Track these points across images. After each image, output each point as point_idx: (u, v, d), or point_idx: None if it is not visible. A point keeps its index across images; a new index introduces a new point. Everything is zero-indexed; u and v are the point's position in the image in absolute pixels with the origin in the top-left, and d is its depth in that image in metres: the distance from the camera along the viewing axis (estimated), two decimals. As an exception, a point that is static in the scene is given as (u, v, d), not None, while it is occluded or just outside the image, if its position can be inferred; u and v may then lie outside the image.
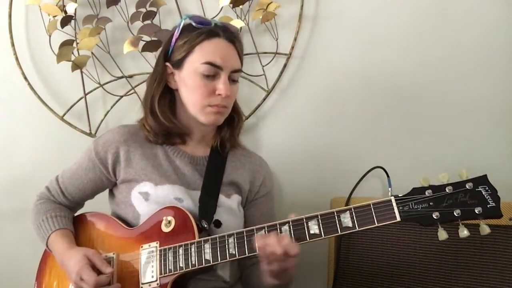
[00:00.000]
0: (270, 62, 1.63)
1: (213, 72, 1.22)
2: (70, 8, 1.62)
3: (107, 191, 1.37)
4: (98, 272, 1.15)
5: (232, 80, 1.26)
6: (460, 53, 1.53)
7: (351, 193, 1.46)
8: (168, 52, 1.28)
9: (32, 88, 1.69)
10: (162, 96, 1.28)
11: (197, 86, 1.23)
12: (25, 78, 1.68)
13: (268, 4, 1.57)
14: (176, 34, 1.27)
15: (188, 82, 1.24)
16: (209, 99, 1.23)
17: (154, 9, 1.61)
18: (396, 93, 1.58)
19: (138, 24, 1.62)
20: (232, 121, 1.33)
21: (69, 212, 1.35)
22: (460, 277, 1.30)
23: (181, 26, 1.27)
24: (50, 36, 1.63)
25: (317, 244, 1.53)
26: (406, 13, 1.56)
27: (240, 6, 1.58)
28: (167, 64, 1.28)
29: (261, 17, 1.58)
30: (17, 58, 1.68)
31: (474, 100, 1.52)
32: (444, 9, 1.53)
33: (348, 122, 1.61)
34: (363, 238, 1.44)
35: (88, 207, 1.39)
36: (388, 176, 1.41)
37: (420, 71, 1.56)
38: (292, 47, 1.61)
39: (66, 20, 1.62)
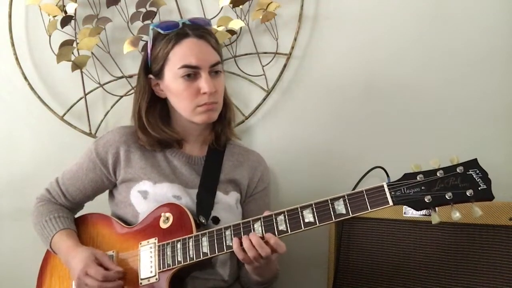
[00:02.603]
0: (270, 62, 1.63)
1: (192, 73, 1.22)
2: (70, 8, 1.62)
3: (106, 192, 1.38)
4: (106, 269, 1.16)
5: (215, 73, 1.25)
6: (460, 53, 1.52)
7: (351, 193, 1.45)
8: (148, 65, 1.29)
9: (32, 88, 1.69)
10: (150, 109, 1.30)
11: (182, 90, 1.23)
12: (25, 78, 1.68)
13: (268, 4, 1.57)
14: (150, 45, 1.27)
15: (173, 89, 1.25)
16: (197, 100, 1.24)
17: (154, 9, 1.61)
18: (396, 93, 1.58)
19: (138, 24, 1.62)
20: (221, 114, 1.32)
21: (71, 213, 1.36)
22: (460, 277, 1.30)
23: (151, 37, 1.27)
24: (50, 36, 1.63)
25: (317, 244, 1.54)
26: (406, 13, 1.56)
27: (240, 6, 1.58)
28: (150, 76, 1.29)
29: (261, 17, 1.58)
30: (17, 58, 1.68)
31: (474, 100, 1.52)
32: (444, 9, 1.53)
33: (348, 122, 1.61)
34: (363, 238, 1.44)
35: (88, 209, 1.40)
36: (388, 176, 1.41)
37: (420, 71, 1.56)
38: (292, 47, 1.61)
39: (66, 20, 1.62)
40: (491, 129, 1.51)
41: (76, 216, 1.38)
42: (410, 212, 1.35)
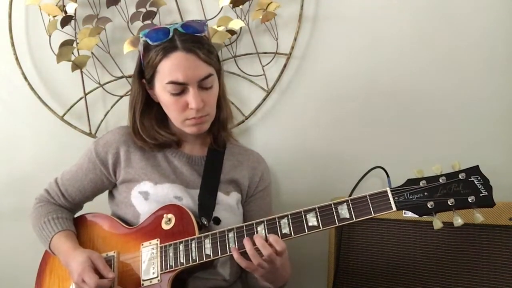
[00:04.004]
0: (270, 62, 1.63)
1: (180, 89, 1.20)
2: (70, 8, 1.62)
3: (106, 192, 1.38)
4: (101, 275, 1.15)
5: (205, 88, 1.22)
6: (460, 54, 1.53)
7: (351, 193, 1.46)
8: (142, 69, 1.27)
9: (32, 88, 1.68)
10: (145, 112, 1.29)
11: (170, 103, 1.22)
12: (25, 78, 1.68)
13: (268, 4, 1.57)
14: (141, 52, 1.25)
15: (162, 100, 1.24)
16: (185, 114, 1.22)
17: (154, 9, 1.61)
18: (396, 93, 1.58)
19: (138, 24, 1.62)
20: (216, 117, 1.31)
21: (70, 214, 1.36)
22: (460, 277, 1.30)
23: (142, 44, 1.24)
24: (50, 36, 1.63)
25: (317, 244, 1.55)
26: (406, 13, 1.56)
27: (240, 6, 1.58)
28: (144, 81, 1.27)
29: (261, 17, 1.58)
30: (17, 58, 1.68)
31: (474, 100, 1.52)
32: (444, 9, 1.53)
33: (348, 122, 1.61)
34: (364, 238, 1.44)
35: (87, 209, 1.39)
36: (388, 176, 1.42)
37: (420, 71, 1.56)
38: (292, 47, 1.61)
39: (66, 20, 1.62)
40: (491, 129, 1.51)
41: (76, 216, 1.38)
42: (410, 212, 1.35)
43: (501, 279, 1.25)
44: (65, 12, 1.62)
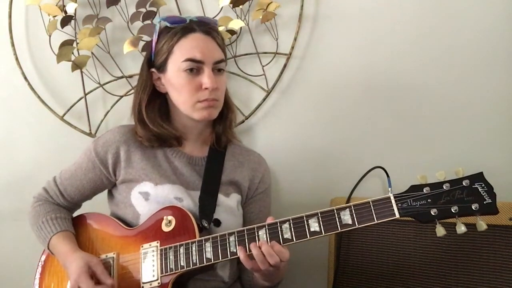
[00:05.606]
0: (270, 62, 1.62)
1: (195, 67, 1.22)
2: (70, 8, 1.62)
3: (105, 192, 1.37)
4: (98, 281, 1.15)
5: (218, 70, 1.25)
6: (460, 53, 1.53)
7: (351, 193, 1.46)
8: (151, 58, 1.28)
9: (32, 88, 1.69)
10: (150, 103, 1.29)
11: (183, 84, 1.23)
12: (25, 78, 1.68)
13: (268, 4, 1.57)
14: (155, 38, 1.27)
15: (174, 83, 1.24)
16: (197, 95, 1.23)
17: (154, 9, 1.61)
18: (396, 93, 1.58)
19: (138, 24, 1.62)
20: (222, 114, 1.32)
21: (68, 213, 1.35)
22: (460, 277, 1.30)
23: (157, 30, 1.27)
24: (50, 36, 1.63)
25: (317, 245, 1.54)
26: (406, 13, 1.56)
27: (240, 6, 1.58)
28: (152, 70, 1.28)
29: (261, 17, 1.58)
30: (17, 58, 1.68)
31: (474, 100, 1.52)
32: (444, 8, 1.53)
33: (348, 122, 1.61)
34: (363, 238, 1.44)
35: (87, 208, 1.39)
36: (388, 176, 1.41)
37: (420, 71, 1.56)
38: (292, 47, 1.61)
39: (66, 20, 1.62)
40: (491, 129, 1.51)
41: (75, 215, 1.37)
42: (410, 212, 1.35)
43: (501, 279, 1.25)
44: (65, 12, 1.62)
